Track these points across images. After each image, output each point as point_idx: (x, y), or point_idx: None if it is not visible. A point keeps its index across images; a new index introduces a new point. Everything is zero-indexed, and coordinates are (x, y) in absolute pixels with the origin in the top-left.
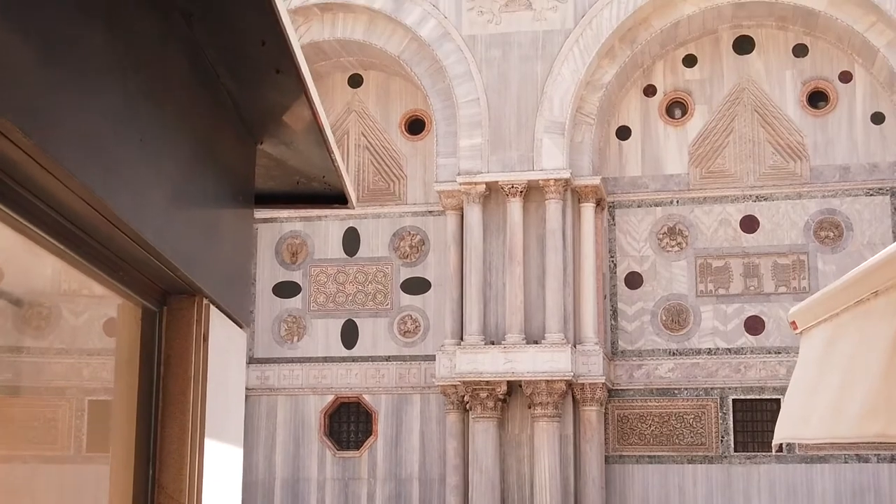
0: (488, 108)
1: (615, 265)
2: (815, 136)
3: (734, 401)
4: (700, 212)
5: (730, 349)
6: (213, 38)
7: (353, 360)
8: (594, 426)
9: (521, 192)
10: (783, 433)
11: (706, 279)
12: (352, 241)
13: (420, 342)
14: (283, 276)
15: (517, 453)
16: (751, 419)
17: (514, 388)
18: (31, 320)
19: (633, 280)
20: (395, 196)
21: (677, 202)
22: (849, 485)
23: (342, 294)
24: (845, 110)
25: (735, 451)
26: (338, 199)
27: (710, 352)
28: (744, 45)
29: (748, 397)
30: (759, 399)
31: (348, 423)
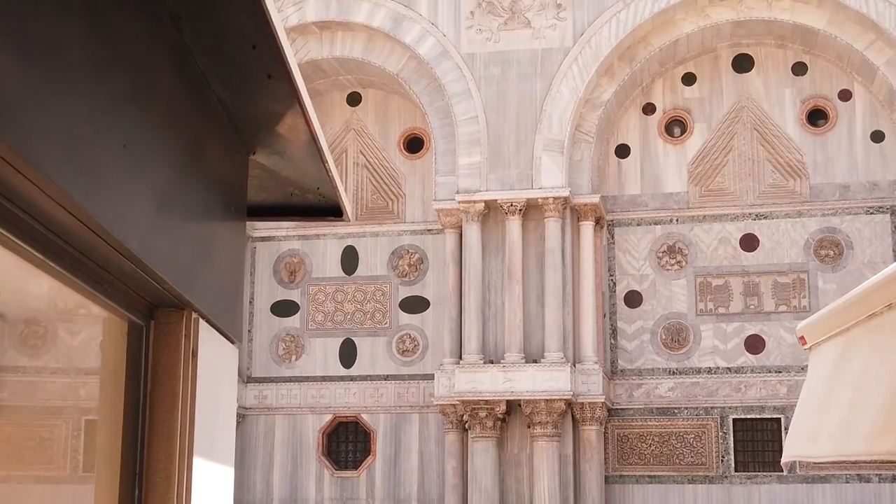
0: (487, 126)
1: (614, 284)
2: (814, 155)
3: (734, 420)
4: (700, 230)
5: (730, 368)
6: (203, 42)
7: (352, 380)
8: (594, 446)
9: (520, 210)
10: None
11: (706, 298)
12: (350, 260)
13: (419, 361)
14: (282, 294)
15: (516, 473)
16: (751, 439)
17: (513, 407)
18: (11, 336)
19: (633, 299)
20: (393, 214)
21: (677, 220)
22: None
23: (340, 313)
24: (845, 128)
25: (736, 470)
26: (333, 211)
27: (710, 371)
28: (743, 64)
29: (748, 417)
30: (760, 419)
31: (346, 443)
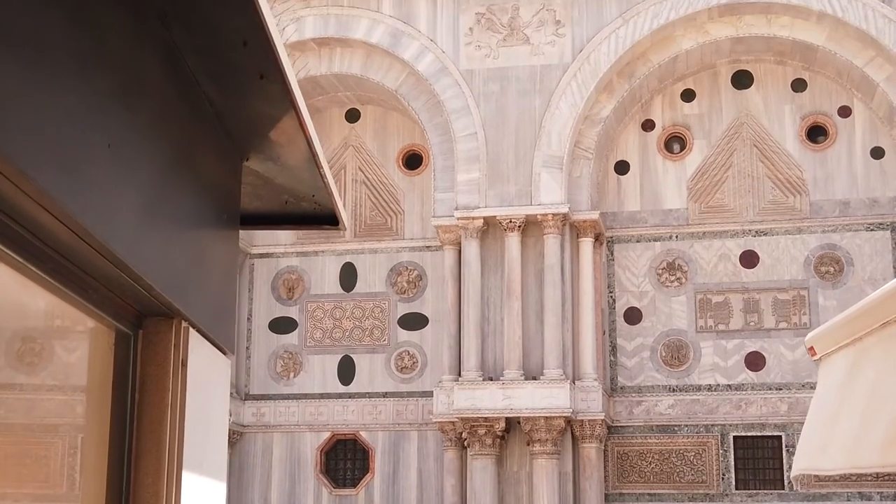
0: (486, 142)
1: (614, 300)
2: (814, 171)
3: (735, 438)
4: (699, 247)
5: (730, 385)
6: (191, 40)
7: (350, 397)
8: (594, 463)
9: (519, 226)
10: (801, 465)
11: (706, 315)
12: (349, 277)
13: (417, 378)
14: (280, 311)
15: (516, 491)
16: (752, 456)
17: (512, 424)
18: None
19: (633, 315)
20: (392, 231)
21: (676, 237)
22: None
23: (339, 330)
24: (845, 145)
25: (736, 488)
26: (329, 220)
27: (710, 388)
28: (742, 80)
29: (749, 434)
30: (761, 436)
31: (345, 461)
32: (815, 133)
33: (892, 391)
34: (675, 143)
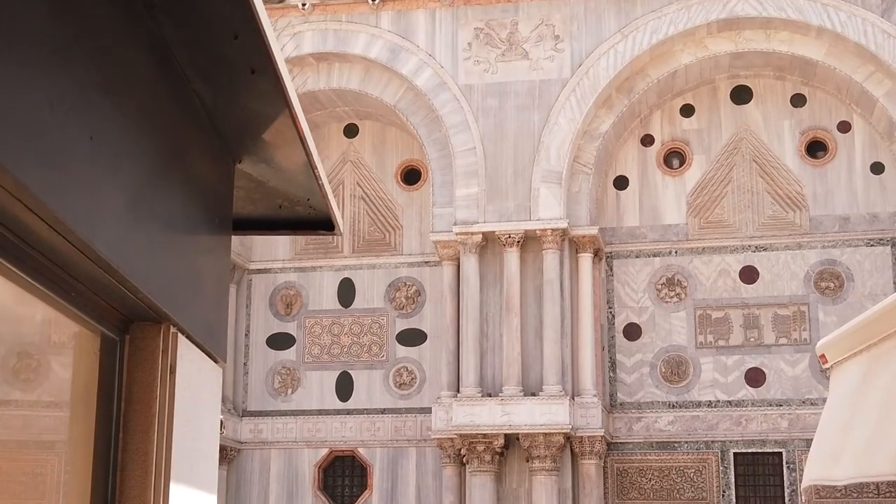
0: (485, 157)
1: (613, 316)
2: (814, 186)
3: (735, 454)
4: (699, 262)
5: (730, 401)
6: (180, 32)
7: (348, 413)
8: (593, 480)
9: (517, 242)
10: (812, 476)
11: (706, 330)
12: (347, 292)
13: (416, 394)
14: (278, 327)
15: None
16: (752, 473)
17: (511, 441)
18: None
19: (632, 331)
20: (390, 246)
21: (676, 252)
22: None
23: (337, 346)
24: (844, 160)
25: None
26: (324, 225)
27: (710, 404)
28: (742, 95)
29: (749, 451)
30: (761, 453)
31: (343, 478)
32: (815, 148)
33: None
34: (674, 159)
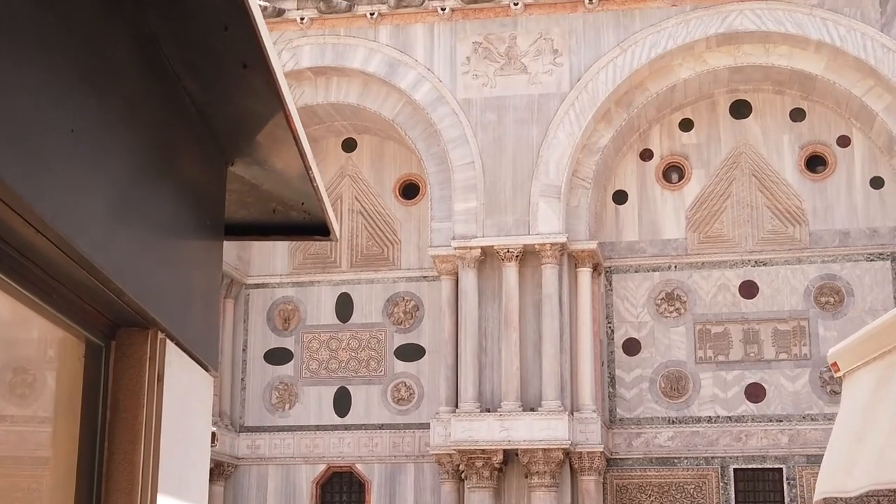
0: (483, 171)
1: (612, 331)
2: (813, 201)
3: (735, 470)
4: (698, 277)
5: (730, 417)
6: (167, 23)
7: (346, 429)
8: (592, 496)
9: (516, 256)
10: (824, 488)
11: (705, 345)
12: (345, 307)
13: (414, 410)
14: (275, 342)
15: None
16: (752, 489)
17: (510, 456)
18: None
19: (631, 346)
20: (388, 261)
21: (675, 267)
22: None
23: (335, 361)
24: (844, 175)
25: None
26: (319, 230)
27: (710, 420)
28: (741, 110)
29: (749, 467)
30: (761, 469)
31: (341, 494)
32: (815, 163)
33: None
34: (673, 173)
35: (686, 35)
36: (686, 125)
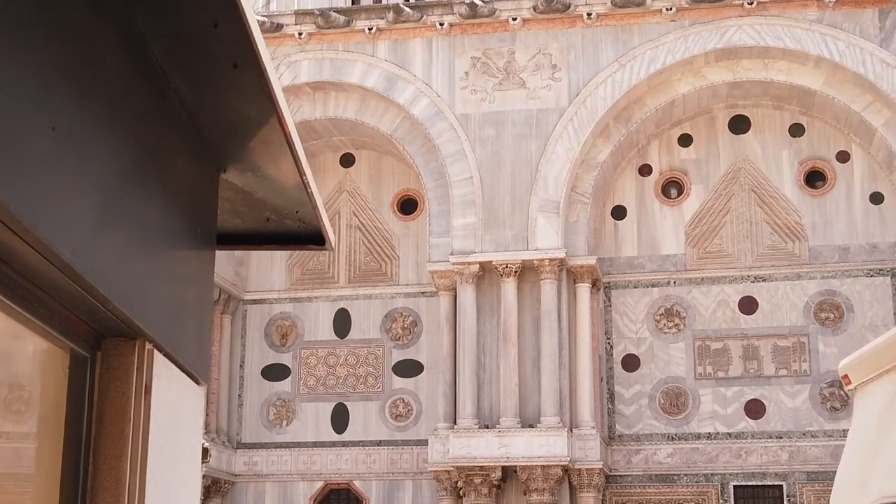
0: (482, 186)
1: (612, 347)
2: (813, 217)
3: (735, 487)
4: (697, 293)
5: (730, 433)
6: (155, 20)
7: (344, 445)
8: None
9: (515, 272)
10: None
11: (705, 361)
12: (343, 323)
13: (412, 426)
14: (273, 358)
15: None
16: None
17: (508, 473)
18: None
19: (630, 362)
20: (386, 277)
21: (674, 283)
22: None
23: (332, 377)
24: (843, 190)
25: None
26: (314, 239)
27: (709, 436)
28: (740, 125)
29: (749, 483)
30: (762, 486)
31: None
32: (814, 178)
33: None
34: (672, 188)
35: (685, 50)
36: (685, 140)
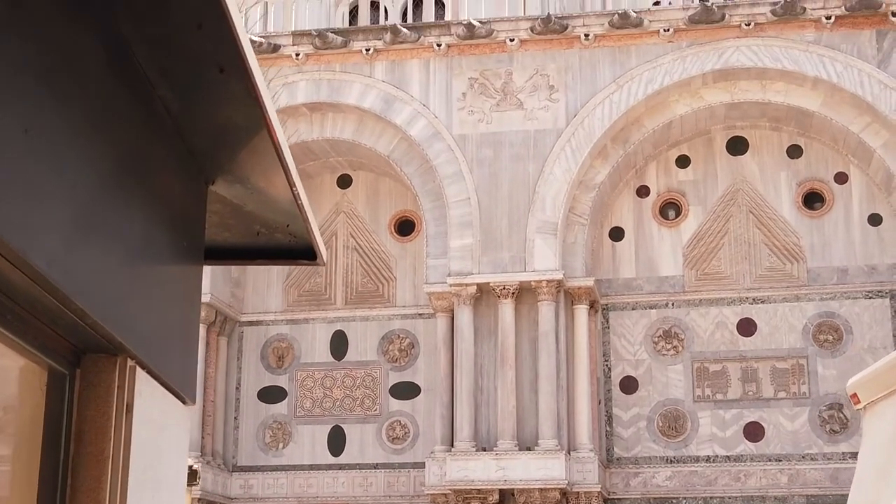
0: (479, 207)
1: (609, 369)
2: (811, 238)
3: None
4: (696, 314)
5: (729, 456)
6: (138, 21)
7: (340, 468)
8: None
9: (512, 293)
10: None
11: (703, 384)
12: (339, 345)
13: (409, 449)
14: (269, 380)
15: None
16: None
17: (506, 496)
18: None
19: (629, 384)
20: (383, 298)
21: (672, 305)
22: None
23: (329, 399)
24: (841, 212)
25: None
26: (305, 254)
27: (708, 459)
28: (737, 146)
29: None
30: None
31: None
32: (812, 199)
33: None
34: (670, 210)
35: (682, 71)
36: (683, 161)
